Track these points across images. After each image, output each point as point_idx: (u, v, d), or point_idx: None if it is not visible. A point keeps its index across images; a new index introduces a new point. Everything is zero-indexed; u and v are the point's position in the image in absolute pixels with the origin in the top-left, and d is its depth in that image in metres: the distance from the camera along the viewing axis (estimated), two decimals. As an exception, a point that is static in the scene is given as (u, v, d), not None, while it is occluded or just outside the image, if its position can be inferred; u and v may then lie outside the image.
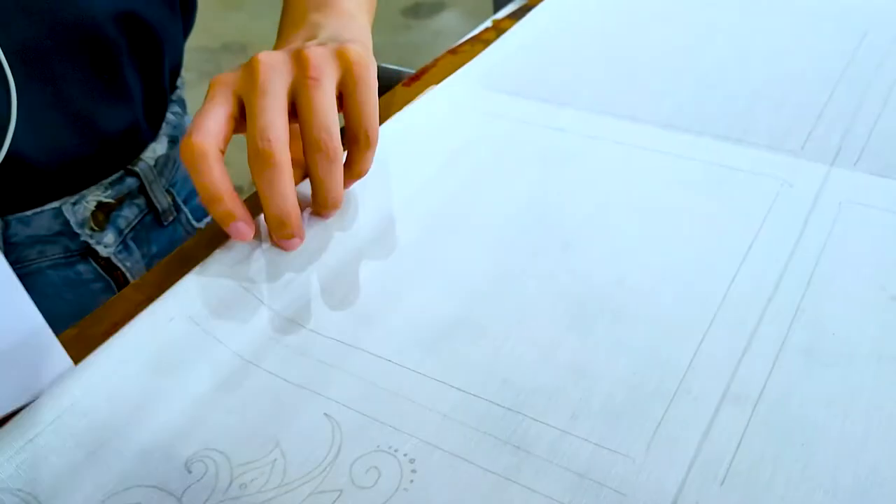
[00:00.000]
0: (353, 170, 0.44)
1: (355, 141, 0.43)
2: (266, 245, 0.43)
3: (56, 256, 0.56)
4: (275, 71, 0.41)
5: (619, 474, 0.31)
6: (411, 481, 0.32)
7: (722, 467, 0.31)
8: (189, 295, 0.39)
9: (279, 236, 0.42)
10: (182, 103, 0.66)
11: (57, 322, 0.37)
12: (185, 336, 0.38)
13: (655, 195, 0.45)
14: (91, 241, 0.56)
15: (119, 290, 0.57)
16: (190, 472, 0.32)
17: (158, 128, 0.61)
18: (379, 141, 0.44)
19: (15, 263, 0.54)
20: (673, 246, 0.42)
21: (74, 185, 0.55)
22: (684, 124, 0.51)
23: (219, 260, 0.41)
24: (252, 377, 0.36)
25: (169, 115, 0.62)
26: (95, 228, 0.56)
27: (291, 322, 0.39)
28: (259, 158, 0.40)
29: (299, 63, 0.42)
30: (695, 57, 0.58)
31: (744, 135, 0.49)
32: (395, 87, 0.59)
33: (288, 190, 0.40)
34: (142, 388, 0.36)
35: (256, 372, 0.37)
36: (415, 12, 2.93)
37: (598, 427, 0.33)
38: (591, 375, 0.35)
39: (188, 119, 0.66)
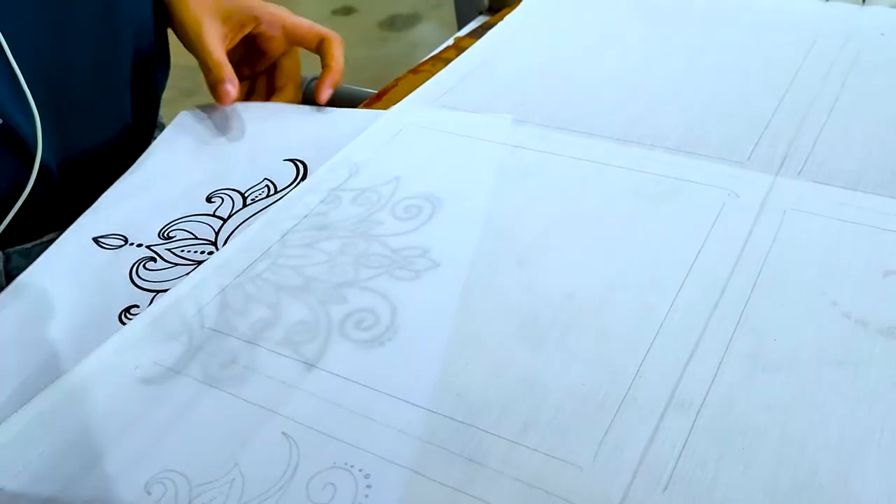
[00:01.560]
0: None
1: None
2: (223, 280, 0.44)
3: None
4: None
5: (567, 483, 0.32)
6: (366, 496, 0.32)
7: (665, 473, 0.32)
8: (148, 338, 0.41)
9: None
10: (162, 127, 0.67)
11: None
12: (149, 377, 0.39)
13: (607, 209, 0.46)
14: None
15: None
16: (149, 493, 0.33)
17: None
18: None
19: None
20: (623, 258, 0.43)
21: (73, 214, 0.56)
22: (637, 138, 0.52)
23: (175, 290, 0.43)
24: (211, 398, 0.37)
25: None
26: None
27: (250, 345, 0.40)
28: None
29: None
30: (649, 71, 0.59)
31: (694, 147, 0.50)
32: (357, 106, 0.60)
33: None
34: (105, 423, 0.37)
35: (215, 394, 0.37)
36: (391, 25, 2.94)
37: (548, 437, 0.34)
38: (542, 387, 0.36)
39: None
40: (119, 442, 0.36)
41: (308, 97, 0.63)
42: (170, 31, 0.61)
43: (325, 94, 0.58)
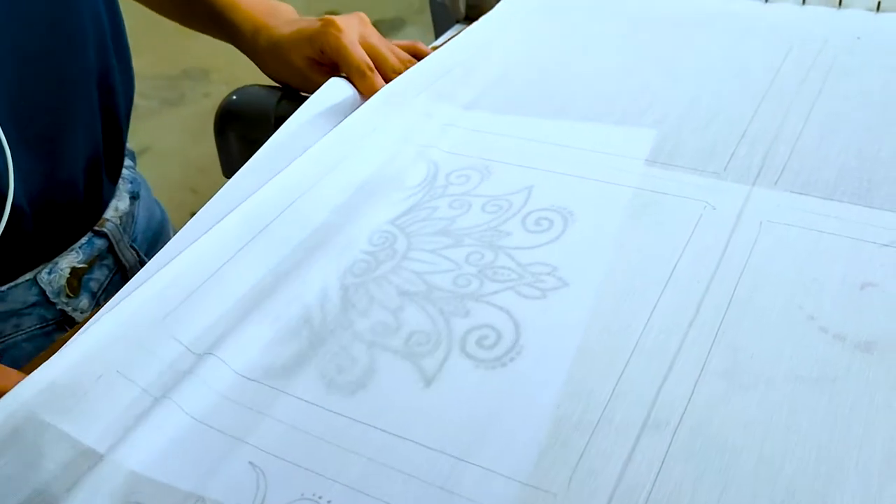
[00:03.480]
0: None
1: None
2: (193, 291, 0.43)
3: (32, 328, 0.55)
4: None
5: (543, 508, 0.32)
6: (335, 528, 0.32)
7: (641, 497, 0.32)
8: (115, 348, 0.39)
9: None
10: (132, 156, 0.66)
11: None
12: (112, 390, 0.38)
13: (583, 223, 0.46)
14: (67, 309, 0.56)
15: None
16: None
17: (115, 184, 0.61)
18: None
19: None
20: (598, 274, 0.42)
21: (47, 253, 0.55)
22: (613, 149, 0.51)
23: (142, 304, 0.41)
24: (177, 424, 0.36)
25: (124, 171, 0.62)
26: (70, 295, 0.56)
27: (220, 363, 0.39)
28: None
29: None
30: (624, 81, 0.59)
31: (670, 158, 0.50)
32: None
33: None
34: (67, 446, 0.35)
35: (182, 418, 0.36)
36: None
37: (523, 464, 0.33)
38: (516, 410, 0.36)
39: (138, 173, 0.66)
40: (75, 469, 0.35)
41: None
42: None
43: None
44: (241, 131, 0.64)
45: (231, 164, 0.67)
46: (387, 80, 0.58)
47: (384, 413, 0.36)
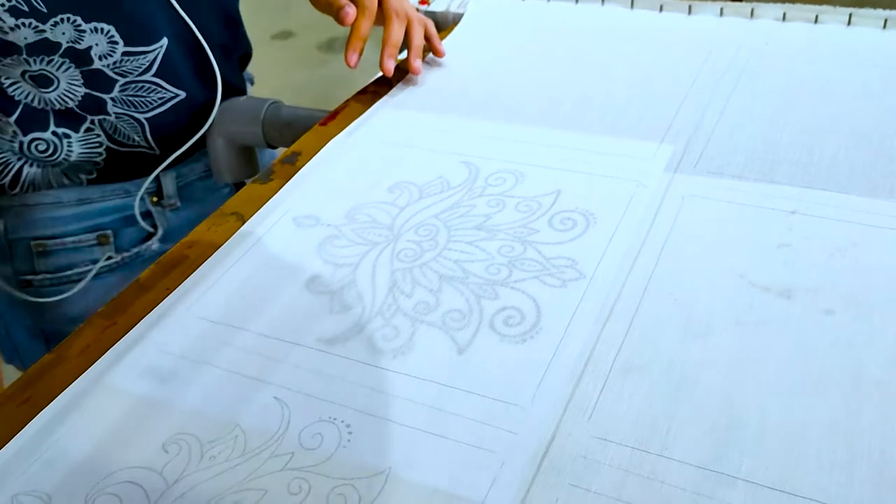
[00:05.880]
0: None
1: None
2: (220, 276, 0.51)
3: None
4: None
5: (512, 418, 0.40)
6: (349, 440, 0.40)
7: (589, 407, 0.40)
8: (163, 338, 0.47)
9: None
10: None
11: None
12: (153, 360, 0.46)
13: (543, 199, 0.54)
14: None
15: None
16: (167, 451, 0.40)
17: None
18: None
19: None
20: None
21: None
22: (563, 142, 0.60)
23: (180, 299, 0.50)
24: (208, 375, 0.44)
25: None
26: None
27: (242, 330, 0.47)
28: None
29: None
30: (571, 85, 0.68)
31: (610, 147, 0.59)
32: (314, 126, 0.67)
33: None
34: (125, 398, 0.43)
35: (214, 371, 0.44)
36: (330, 47, 3.02)
37: (494, 385, 0.42)
38: (481, 350, 0.44)
39: None
40: (133, 416, 0.42)
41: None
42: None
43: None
44: (231, 138, 0.72)
45: (220, 169, 0.74)
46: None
47: (381, 354, 0.44)
